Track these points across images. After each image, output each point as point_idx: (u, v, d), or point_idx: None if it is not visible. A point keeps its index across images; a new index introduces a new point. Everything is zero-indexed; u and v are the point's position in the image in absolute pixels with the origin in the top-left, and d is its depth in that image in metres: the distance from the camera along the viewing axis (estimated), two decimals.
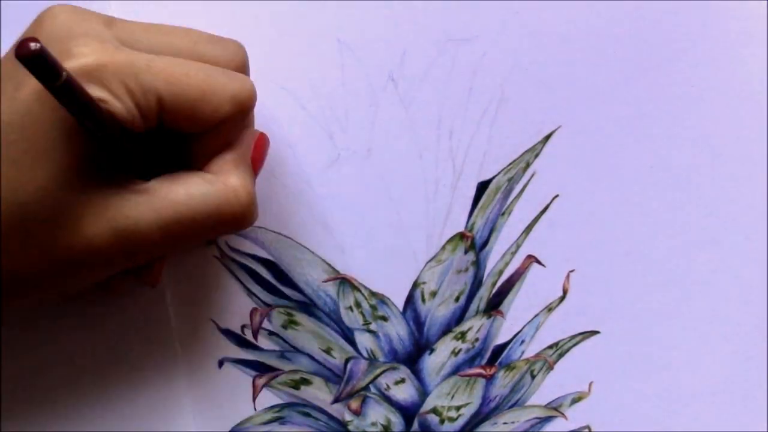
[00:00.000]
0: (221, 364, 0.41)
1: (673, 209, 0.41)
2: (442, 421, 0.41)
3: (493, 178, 0.40)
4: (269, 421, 0.41)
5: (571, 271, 0.41)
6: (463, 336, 0.41)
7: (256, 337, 0.41)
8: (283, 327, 0.41)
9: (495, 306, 0.41)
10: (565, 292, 0.41)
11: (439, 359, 0.41)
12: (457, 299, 0.41)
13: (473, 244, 0.40)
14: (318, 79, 0.39)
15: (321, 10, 0.39)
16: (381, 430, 0.41)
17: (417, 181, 0.40)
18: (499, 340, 0.41)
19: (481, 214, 0.40)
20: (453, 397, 0.41)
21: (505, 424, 0.42)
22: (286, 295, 0.41)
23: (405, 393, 0.41)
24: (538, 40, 0.40)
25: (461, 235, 0.40)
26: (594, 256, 0.41)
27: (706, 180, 0.41)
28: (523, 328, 0.41)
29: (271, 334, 0.41)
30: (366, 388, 0.41)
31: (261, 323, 0.41)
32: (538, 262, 0.41)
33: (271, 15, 0.39)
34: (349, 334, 0.41)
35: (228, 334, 0.41)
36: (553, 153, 0.40)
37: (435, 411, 0.41)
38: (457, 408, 0.41)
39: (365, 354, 0.41)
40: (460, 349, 0.41)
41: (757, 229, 0.41)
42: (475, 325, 0.41)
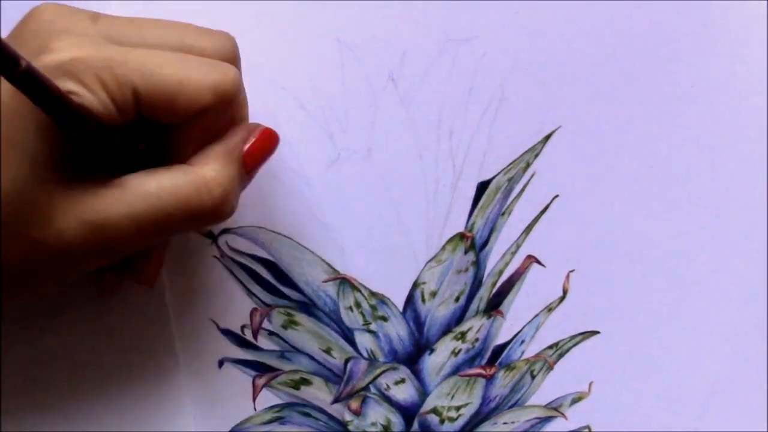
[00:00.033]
0: (221, 364, 0.41)
1: (673, 209, 0.41)
2: (442, 421, 0.41)
3: (493, 178, 0.40)
4: (269, 421, 0.41)
5: (571, 271, 0.41)
6: (463, 336, 0.41)
7: (256, 337, 0.41)
8: (283, 327, 0.41)
9: (495, 306, 0.41)
10: (565, 292, 0.41)
11: (439, 359, 0.41)
12: (457, 299, 0.41)
13: (473, 244, 0.40)
14: (318, 79, 0.39)
15: (321, 10, 0.39)
16: (381, 430, 0.41)
17: (417, 181, 0.40)
18: (499, 340, 0.41)
19: (481, 214, 0.40)
20: (453, 397, 0.41)
21: (505, 424, 0.42)
22: (286, 295, 0.41)
23: (405, 393, 0.41)
24: (538, 40, 0.40)
25: (461, 235, 0.40)
26: (594, 256, 0.41)
27: (706, 180, 0.41)
28: (523, 328, 0.41)
29: (271, 334, 0.41)
30: (366, 388, 0.41)
31: (261, 323, 0.41)
32: (538, 262, 0.41)
33: (271, 15, 0.39)
34: (349, 334, 0.41)
35: (228, 334, 0.41)
36: (553, 153, 0.40)
37: (435, 411, 0.41)
38: (457, 408, 0.41)
39: (365, 354, 0.41)
40: (460, 349, 0.41)
41: (757, 229, 0.41)
42: (475, 325, 0.41)
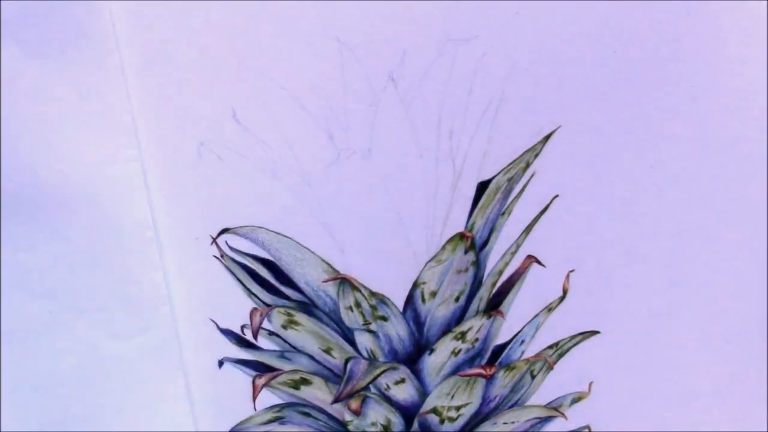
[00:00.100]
0: (221, 364, 0.41)
1: (673, 209, 0.41)
2: (442, 421, 0.41)
3: (493, 178, 0.40)
4: (269, 421, 0.41)
5: (571, 271, 0.41)
6: (463, 336, 0.41)
7: (256, 337, 0.41)
8: (283, 327, 0.41)
9: (495, 306, 0.41)
10: (565, 292, 0.41)
11: (439, 359, 0.41)
12: (457, 299, 0.41)
13: (473, 244, 0.40)
14: (318, 79, 0.39)
15: (321, 10, 0.39)
16: (381, 430, 0.41)
17: (417, 181, 0.40)
18: (499, 340, 0.41)
19: (481, 214, 0.40)
20: (453, 397, 0.41)
21: (505, 424, 0.42)
22: (286, 295, 0.41)
23: (405, 393, 0.41)
24: (538, 40, 0.40)
25: (461, 235, 0.40)
26: (594, 256, 0.41)
27: (706, 180, 0.41)
28: (523, 328, 0.41)
29: (271, 334, 0.41)
30: (366, 388, 0.41)
31: (261, 323, 0.41)
32: (538, 262, 0.41)
33: (271, 15, 0.39)
34: (349, 334, 0.41)
35: (228, 334, 0.41)
36: (553, 153, 0.40)
37: (435, 411, 0.41)
38: (457, 408, 0.41)
39: (365, 354, 0.41)
40: (460, 349, 0.41)
41: (757, 229, 0.41)
42: (475, 325, 0.41)
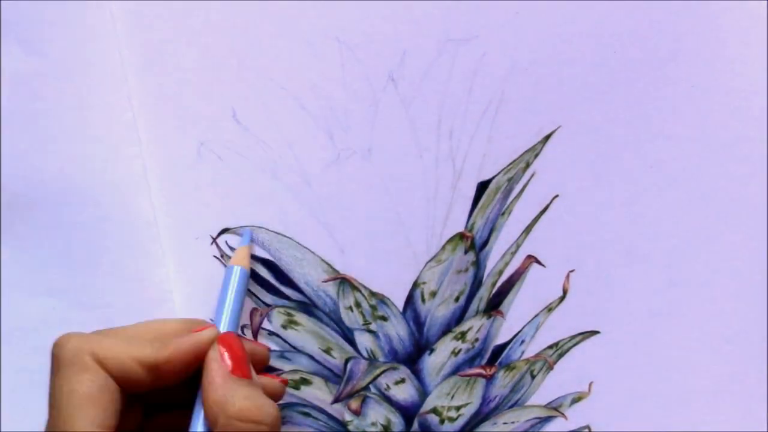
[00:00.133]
0: None
1: (673, 209, 0.41)
2: (442, 421, 0.41)
3: (493, 178, 0.40)
4: None
5: (571, 271, 0.41)
6: (463, 336, 0.41)
7: (256, 337, 0.41)
8: (283, 327, 0.41)
9: (495, 306, 0.41)
10: (565, 292, 0.41)
11: (439, 359, 0.41)
12: (457, 299, 0.41)
13: (473, 244, 0.40)
14: (318, 79, 0.39)
15: (321, 10, 0.39)
16: (381, 430, 0.41)
17: (417, 181, 0.40)
18: (499, 340, 0.41)
19: (481, 214, 0.40)
20: (453, 397, 0.41)
21: (505, 424, 0.42)
22: (286, 295, 0.41)
23: (405, 393, 0.41)
24: (538, 40, 0.40)
25: (461, 235, 0.40)
26: (594, 256, 0.41)
27: (706, 180, 0.41)
28: (523, 328, 0.41)
29: (271, 334, 0.41)
30: (366, 388, 0.41)
31: (261, 323, 0.41)
32: (538, 262, 0.41)
33: (271, 15, 0.39)
34: (349, 334, 0.41)
35: None
36: (553, 153, 0.40)
37: (435, 411, 0.41)
38: (457, 408, 0.41)
39: (365, 354, 0.41)
40: (460, 349, 0.41)
41: (757, 229, 0.41)
42: (475, 325, 0.41)
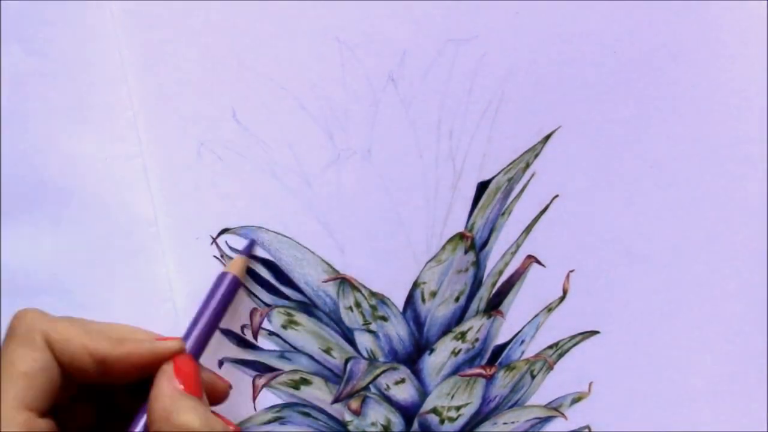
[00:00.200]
0: (221, 364, 0.41)
1: (673, 209, 0.41)
2: (442, 421, 0.41)
3: (493, 178, 0.40)
4: (269, 421, 0.41)
5: (571, 271, 0.41)
6: (463, 336, 0.41)
7: (256, 337, 0.41)
8: (283, 327, 0.41)
9: (495, 306, 0.41)
10: (565, 292, 0.41)
11: (439, 359, 0.41)
12: (457, 299, 0.41)
13: (473, 244, 0.40)
14: (318, 79, 0.39)
15: (321, 10, 0.39)
16: (381, 430, 0.41)
17: (417, 181, 0.40)
18: (499, 340, 0.41)
19: (481, 214, 0.40)
20: (453, 397, 0.41)
21: (505, 424, 0.42)
22: (286, 295, 0.41)
23: (405, 393, 0.41)
24: (538, 40, 0.40)
25: (461, 235, 0.40)
26: (594, 256, 0.41)
27: (706, 180, 0.41)
28: (523, 328, 0.41)
29: (271, 334, 0.41)
30: (366, 388, 0.41)
31: (261, 323, 0.41)
32: (538, 262, 0.41)
33: (271, 15, 0.39)
34: (349, 334, 0.41)
35: (228, 334, 0.41)
36: (553, 153, 0.40)
37: (435, 411, 0.41)
38: (457, 408, 0.41)
39: (365, 354, 0.41)
40: (460, 349, 0.41)
41: (757, 229, 0.41)
42: (475, 325, 0.41)
